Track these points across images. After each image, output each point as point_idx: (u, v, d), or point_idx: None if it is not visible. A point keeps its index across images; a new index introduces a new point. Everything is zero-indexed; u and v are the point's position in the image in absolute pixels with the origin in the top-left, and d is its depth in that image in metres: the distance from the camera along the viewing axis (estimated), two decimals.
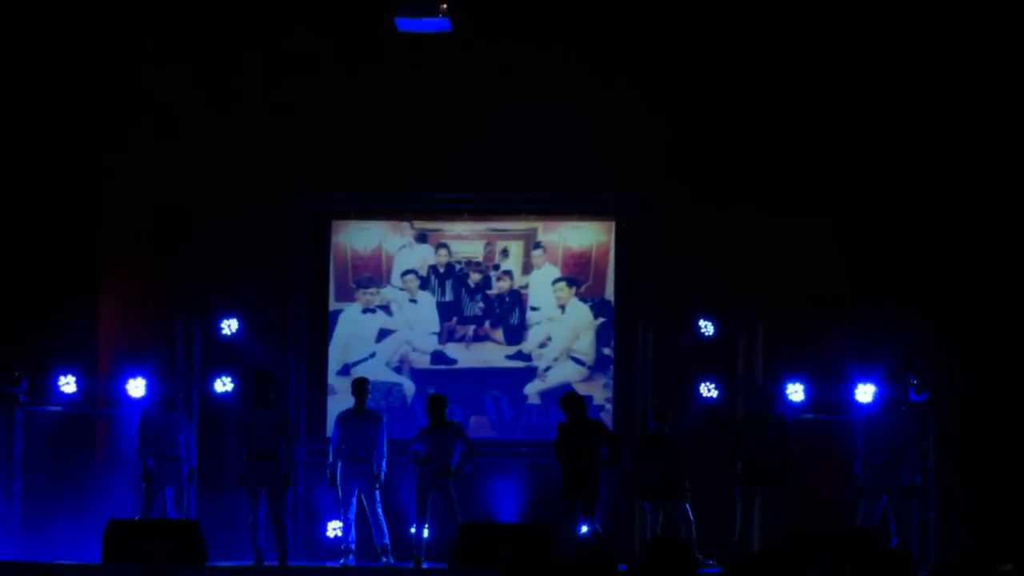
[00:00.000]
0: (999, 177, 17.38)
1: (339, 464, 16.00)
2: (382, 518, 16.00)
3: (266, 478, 15.81)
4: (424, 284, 18.25)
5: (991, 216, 17.35)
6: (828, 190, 17.56)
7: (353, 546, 15.98)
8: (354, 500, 16.03)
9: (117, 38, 17.86)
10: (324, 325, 18.24)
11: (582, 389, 17.48)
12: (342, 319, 18.27)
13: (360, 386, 16.30)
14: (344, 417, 16.22)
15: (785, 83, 17.61)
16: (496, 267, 18.23)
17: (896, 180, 17.47)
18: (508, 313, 18.18)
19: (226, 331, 17.46)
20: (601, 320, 18.11)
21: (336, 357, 18.23)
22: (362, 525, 16.07)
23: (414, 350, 18.20)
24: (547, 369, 18.11)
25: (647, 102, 17.68)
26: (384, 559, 15.90)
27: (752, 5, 17.59)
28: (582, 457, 15.76)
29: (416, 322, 18.23)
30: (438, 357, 18.19)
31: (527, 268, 18.22)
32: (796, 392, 16.84)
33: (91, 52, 17.76)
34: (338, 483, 16.01)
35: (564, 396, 16.38)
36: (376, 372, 17.72)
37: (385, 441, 16.04)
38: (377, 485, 15.95)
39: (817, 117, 17.58)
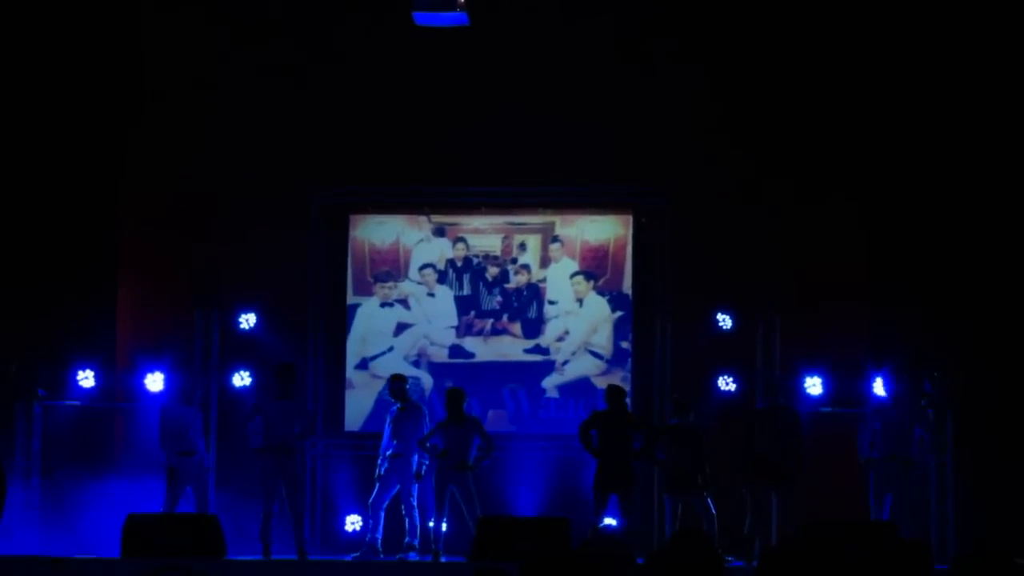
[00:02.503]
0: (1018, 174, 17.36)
1: (383, 461, 16.09)
2: (417, 515, 16.00)
3: (283, 470, 15.83)
4: (442, 278, 18.24)
5: (1011, 210, 17.30)
6: (847, 182, 17.55)
7: (380, 545, 15.97)
8: (387, 498, 16.04)
9: (135, 29, 17.87)
10: (342, 319, 18.25)
11: (600, 383, 17.47)
12: (360, 313, 18.27)
13: (390, 385, 16.37)
14: (391, 415, 16.28)
15: (806, 75, 17.57)
16: (514, 261, 18.22)
17: (916, 173, 17.43)
18: (526, 307, 18.16)
19: (244, 325, 17.47)
20: (619, 314, 18.09)
21: (354, 351, 18.23)
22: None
23: (432, 344, 18.19)
24: (565, 363, 18.09)
25: (663, 95, 17.67)
26: (409, 554, 15.90)
27: None
28: (617, 450, 15.73)
29: (434, 316, 18.23)
30: (456, 351, 18.18)
31: (545, 262, 18.21)
32: (814, 385, 16.81)
33: (108, 45, 17.77)
34: (378, 480, 16.08)
35: (607, 387, 16.35)
36: (394, 366, 17.70)
37: (423, 433, 16.03)
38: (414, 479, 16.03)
39: (837, 111, 17.55)
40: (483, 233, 18.33)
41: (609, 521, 15.76)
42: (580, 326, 18.11)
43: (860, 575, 6.89)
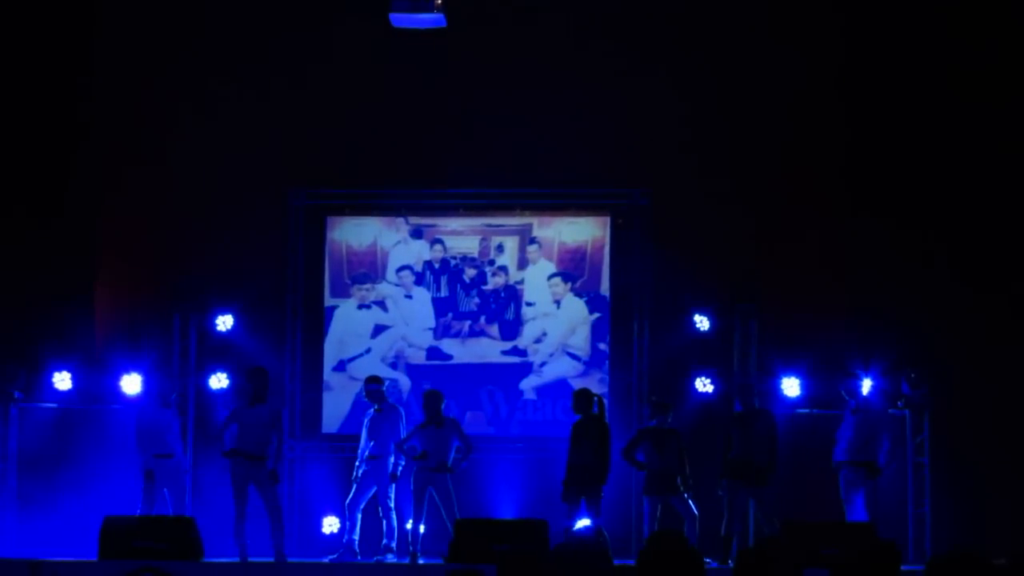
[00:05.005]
0: (994, 161, 17.40)
1: (361, 463, 16.08)
2: (394, 517, 15.99)
3: (254, 475, 15.78)
4: (419, 280, 18.24)
5: (989, 211, 17.35)
6: (822, 182, 17.58)
7: (357, 547, 15.96)
8: (364, 500, 16.02)
9: (111, 32, 17.84)
10: (319, 321, 18.23)
11: (577, 384, 17.43)
12: (337, 315, 18.26)
13: (366, 387, 16.33)
14: (368, 417, 16.27)
15: (783, 75, 17.60)
16: (491, 262, 18.22)
17: (894, 173, 17.46)
18: (503, 308, 18.17)
19: (221, 327, 17.47)
20: (596, 315, 18.10)
21: (331, 353, 18.22)
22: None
23: (409, 346, 18.19)
24: (542, 364, 18.10)
25: (641, 96, 17.69)
26: (386, 556, 15.89)
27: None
28: (581, 455, 15.72)
29: (411, 318, 18.22)
30: (433, 353, 18.18)
31: (522, 263, 18.21)
32: (792, 387, 16.84)
33: (85, 45, 17.75)
34: (355, 482, 16.06)
35: (573, 394, 16.30)
36: (371, 368, 17.69)
37: (400, 434, 16.02)
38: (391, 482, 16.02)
39: (814, 112, 17.58)
40: (460, 235, 18.33)
41: (584, 522, 15.75)
42: (558, 328, 18.12)
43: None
